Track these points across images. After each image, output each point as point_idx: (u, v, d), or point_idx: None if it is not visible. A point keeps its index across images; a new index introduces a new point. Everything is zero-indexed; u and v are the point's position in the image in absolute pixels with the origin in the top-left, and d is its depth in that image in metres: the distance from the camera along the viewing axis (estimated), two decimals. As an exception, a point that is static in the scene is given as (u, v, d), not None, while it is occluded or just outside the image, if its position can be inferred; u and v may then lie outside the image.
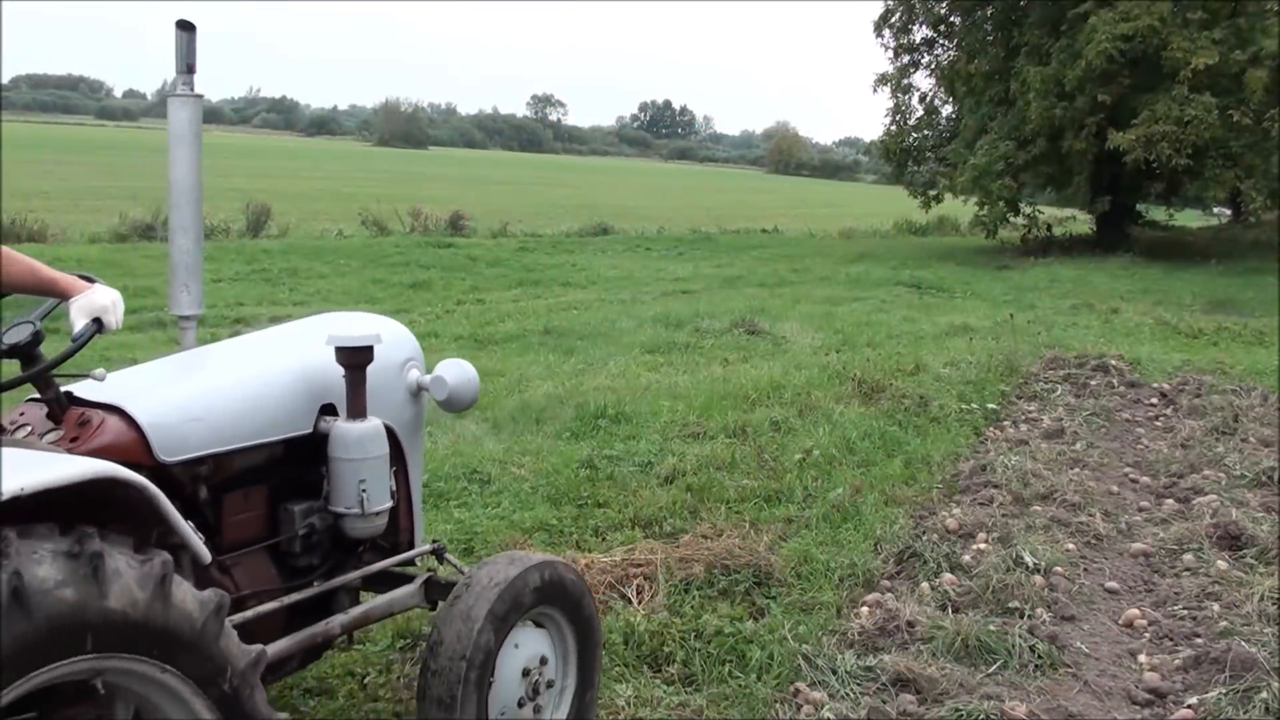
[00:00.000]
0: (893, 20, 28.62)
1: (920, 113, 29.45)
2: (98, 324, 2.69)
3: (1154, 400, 8.81)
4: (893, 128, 29.14)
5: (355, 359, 2.97)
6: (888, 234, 33.64)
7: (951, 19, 28.27)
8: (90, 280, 2.78)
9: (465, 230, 26.45)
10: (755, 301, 15.04)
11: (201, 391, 2.83)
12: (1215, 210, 36.83)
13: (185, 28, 3.21)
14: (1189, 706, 3.63)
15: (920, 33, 28.82)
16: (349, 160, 70.88)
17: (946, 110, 29.61)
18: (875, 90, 29.12)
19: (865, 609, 4.38)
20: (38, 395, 2.64)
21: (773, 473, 6.28)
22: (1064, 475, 6.32)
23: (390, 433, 3.14)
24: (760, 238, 31.28)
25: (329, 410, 3.05)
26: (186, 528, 2.28)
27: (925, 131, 29.44)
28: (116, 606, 1.91)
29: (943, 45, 28.85)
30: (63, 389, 2.66)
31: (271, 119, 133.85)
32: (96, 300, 2.72)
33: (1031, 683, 3.84)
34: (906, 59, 28.93)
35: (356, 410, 2.99)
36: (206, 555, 2.35)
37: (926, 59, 28.96)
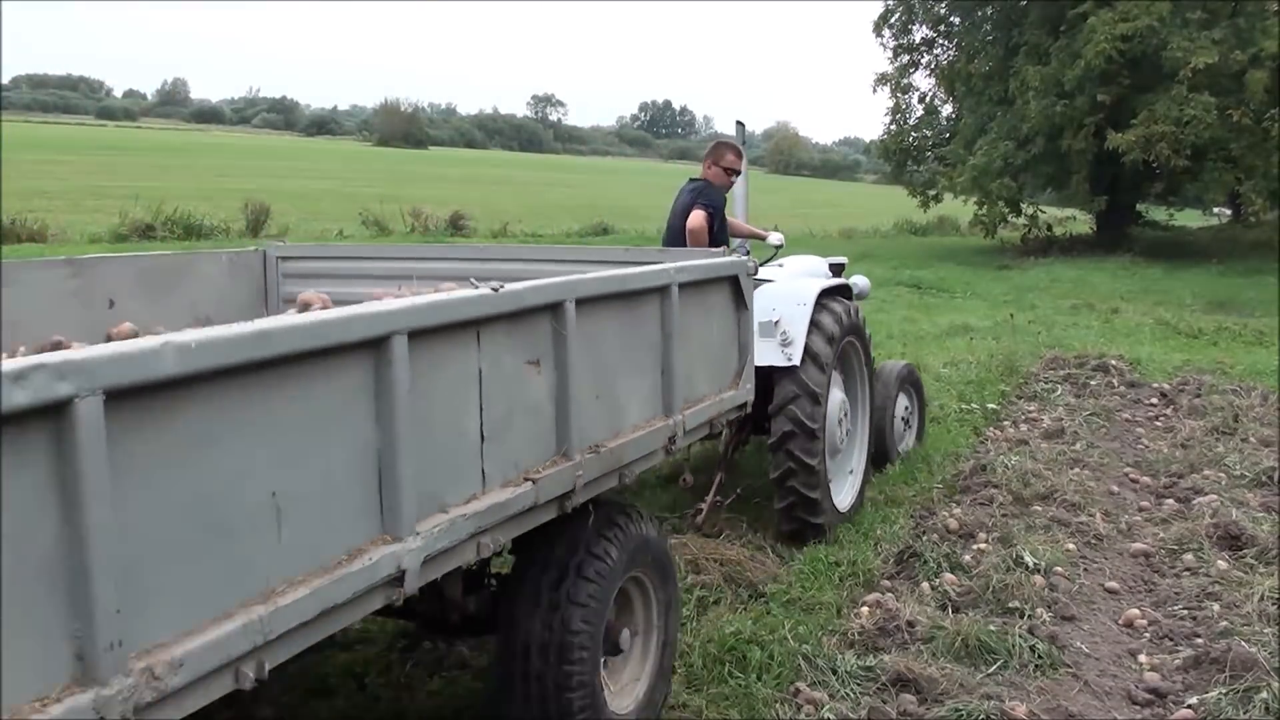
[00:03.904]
0: (892, 20, 28.60)
1: (920, 113, 29.43)
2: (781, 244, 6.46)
3: (1154, 400, 8.81)
4: (893, 127, 29.09)
5: (838, 269, 6.76)
6: (888, 234, 33.61)
7: (951, 19, 28.25)
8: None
9: (465, 230, 26.46)
10: (755, 301, 14.97)
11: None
12: (1215, 210, 36.77)
13: (740, 125, 6.62)
14: (1189, 706, 3.64)
15: (920, 33, 28.81)
16: (349, 160, 70.82)
17: (946, 110, 29.61)
18: (875, 90, 29.12)
19: (865, 609, 4.39)
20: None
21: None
22: (1064, 475, 6.32)
23: None
24: (760, 238, 31.17)
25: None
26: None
27: (925, 131, 29.38)
28: (849, 322, 5.58)
29: (943, 45, 28.82)
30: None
31: (271, 119, 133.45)
32: (779, 235, 6.55)
33: (1031, 683, 3.84)
34: (906, 59, 28.90)
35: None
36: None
37: (926, 59, 28.94)
